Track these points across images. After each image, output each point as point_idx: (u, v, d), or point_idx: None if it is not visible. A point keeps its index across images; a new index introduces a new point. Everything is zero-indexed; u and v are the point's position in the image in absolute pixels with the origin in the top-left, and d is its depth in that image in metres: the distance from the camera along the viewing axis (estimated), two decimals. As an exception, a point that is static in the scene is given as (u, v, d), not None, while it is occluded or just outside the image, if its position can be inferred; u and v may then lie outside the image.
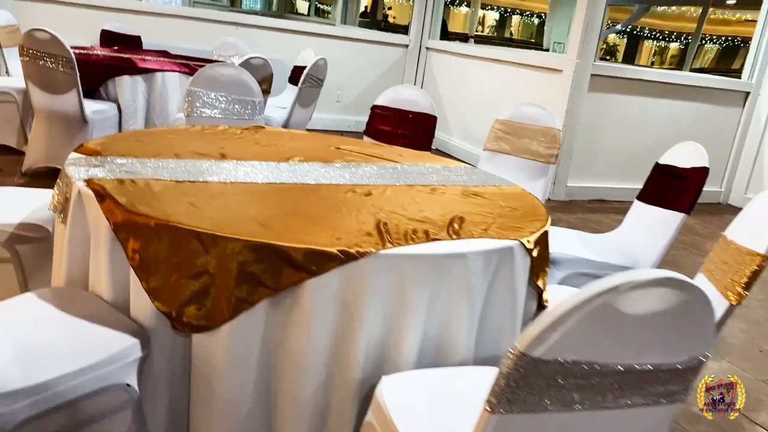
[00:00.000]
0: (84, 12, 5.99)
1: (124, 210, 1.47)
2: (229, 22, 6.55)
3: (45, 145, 4.00)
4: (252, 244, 1.38)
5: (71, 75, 3.74)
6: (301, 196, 1.79)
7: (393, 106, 3.30)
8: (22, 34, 3.75)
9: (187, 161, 1.93)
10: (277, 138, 2.52)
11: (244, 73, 3.12)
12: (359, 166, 2.18)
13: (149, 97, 4.21)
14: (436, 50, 7.09)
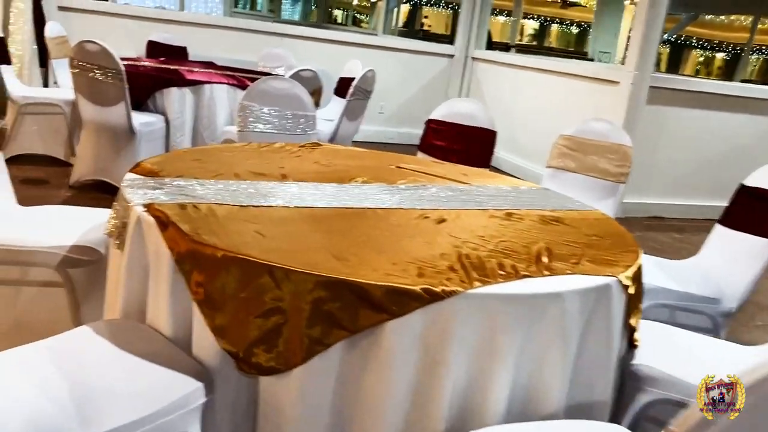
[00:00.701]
0: (130, 23, 6.00)
1: (189, 239, 1.36)
2: (273, 33, 6.50)
3: (93, 157, 3.96)
4: (327, 280, 1.26)
5: (120, 87, 3.69)
6: (370, 222, 1.66)
7: (449, 121, 3.17)
8: (73, 46, 3.72)
9: (249, 182, 1.82)
10: (336, 156, 2.40)
11: (297, 86, 3.02)
12: (425, 188, 2.04)
13: (197, 109, 4.15)
14: (482, 60, 6.94)
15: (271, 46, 6.15)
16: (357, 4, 27.82)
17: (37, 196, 3.75)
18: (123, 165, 3.93)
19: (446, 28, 24.41)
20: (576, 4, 20.05)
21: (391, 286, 1.25)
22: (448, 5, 20.66)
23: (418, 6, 20.76)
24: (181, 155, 2.10)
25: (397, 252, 1.43)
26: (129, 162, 3.93)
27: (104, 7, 6.10)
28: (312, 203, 1.72)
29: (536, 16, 21.20)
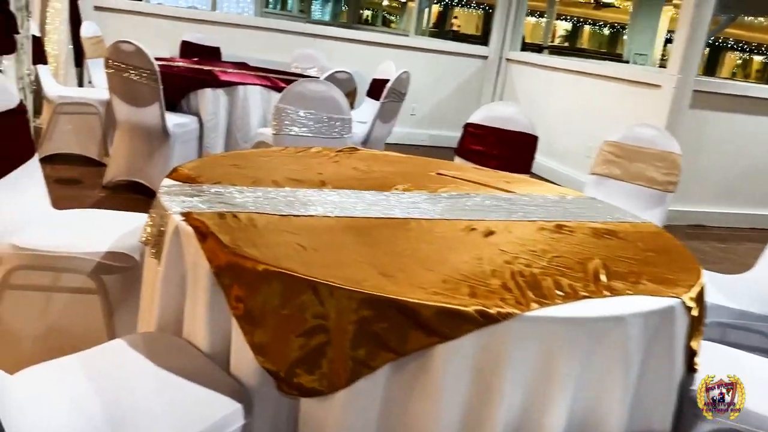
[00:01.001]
0: (164, 23, 6.01)
1: (229, 251, 1.29)
2: (305, 33, 6.46)
3: (126, 157, 3.95)
4: (373, 299, 1.18)
5: (154, 88, 3.67)
6: (414, 234, 1.58)
7: (488, 125, 3.07)
8: (108, 46, 3.71)
9: (287, 190, 1.76)
10: (374, 161, 2.32)
11: (334, 89, 2.96)
12: (469, 197, 1.96)
13: (230, 110, 4.11)
14: (516, 62, 6.81)
15: (303, 46, 6.11)
16: (387, 4, 27.78)
17: (71, 196, 3.75)
18: (156, 166, 3.92)
19: (477, 29, 24.23)
20: (610, 5, 19.73)
21: (442, 306, 1.17)
22: (480, 6, 20.49)
23: (448, 6, 20.64)
24: (218, 160, 2.05)
25: (445, 268, 1.35)
26: (162, 163, 3.93)
27: (139, 7, 6.12)
28: (352, 212, 1.65)
29: (568, 16, 20.92)
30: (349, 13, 18.64)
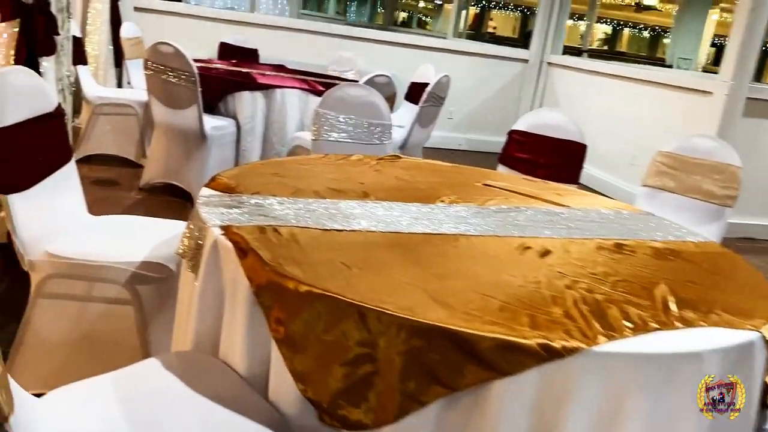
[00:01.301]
0: (203, 24, 6.01)
1: (270, 270, 1.21)
2: (343, 36, 6.40)
3: (163, 160, 3.93)
4: (425, 328, 1.09)
5: (193, 90, 3.63)
6: (465, 252, 1.48)
7: (535, 132, 2.95)
8: (147, 48, 3.69)
9: (329, 201, 1.68)
10: (417, 170, 2.23)
11: (374, 94, 2.88)
12: (520, 211, 1.85)
13: (268, 114, 4.06)
14: (558, 66, 6.65)
15: (340, 49, 6.06)
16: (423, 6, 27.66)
17: (107, 198, 3.74)
18: (193, 169, 3.89)
19: (514, 31, 23.97)
20: (651, 8, 19.31)
21: (501, 339, 1.07)
22: (517, 8, 20.25)
23: (485, 9, 20.43)
24: (258, 168, 1.98)
25: (501, 293, 1.25)
26: (199, 166, 3.90)
27: (178, 8, 6.14)
28: (398, 227, 1.56)
29: (608, 19, 20.55)
30: (385, 15, 18.61)
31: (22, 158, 1.79)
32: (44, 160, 1.90)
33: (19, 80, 1.85)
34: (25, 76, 1.89)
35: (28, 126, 1.83)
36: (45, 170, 1.90)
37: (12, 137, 1.76)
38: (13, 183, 1.76)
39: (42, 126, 1.90)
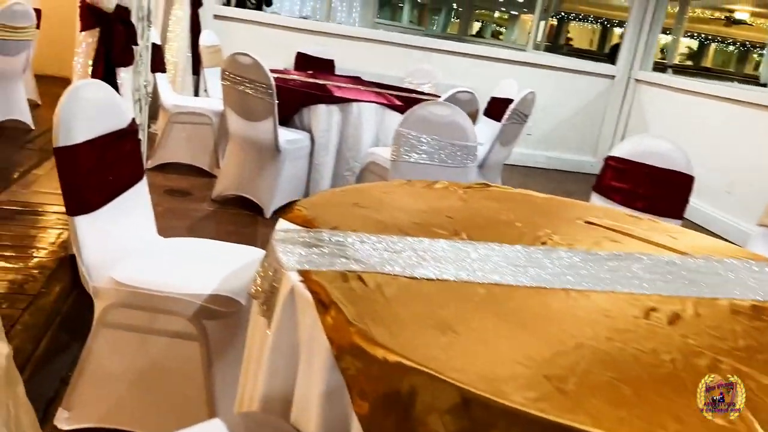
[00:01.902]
0: (280, 33, 5.97)
1: (355, 331, 1.04)
2: (422, 47, 6.24)
3: (236, 172, 3.85)
4: (547, 425, 0.88)
5: (269, 103, 3.53)
6: (580, 313, 1.26)
7: (636, 160, 2.68)
8: (225, 58, 3.61)
9: (416, 241, 1.49)
10: (510, 203, 2.02)
11: (459, 114, 2.68)
12: (634, 259, 1.61)
13: (343, 128, 3.93)
14: (647, 83, 6.27)
15: (416, 60, 5.90)
16: (497, 16, 27.29)
17: (179, 209, 3.68)
18: (265, 182, 3.79)
19: (591, 44, 23.26)
20: (742, 22, 18.33)
21: (643, 445, 0.85)
22: (597, 20, 19.62)
23: (564, 20, 19.90)
24: (336, 197, 1.81)
25: (633, 376, 1.03)
26: (272, 180, 3.79)
27: (256, 17, 6.13)
28: (498, 276, 1.35)
29: (695, 33, 19.64)
30: (461, 25, 18.40)
31: (91, 177, 1.69)
32: (115, 179, 1.79)
33: (92, 94, 1.75)
34: (98, 90, 1.79)
35: (100, 143, 1.73)
36: (115, 190, 1.79)
37: (82, 155, 1.65)
38: (81, 204, 1.66)
39: (114, 143, 1.80)
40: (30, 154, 4.24)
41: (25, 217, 3.18)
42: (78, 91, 1.67)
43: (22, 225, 3.07)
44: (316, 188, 3.96)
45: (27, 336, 2.19)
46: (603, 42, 21.59)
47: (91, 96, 1.74)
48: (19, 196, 3.46)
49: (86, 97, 1.71)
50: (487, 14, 25.90)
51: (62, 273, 2.64)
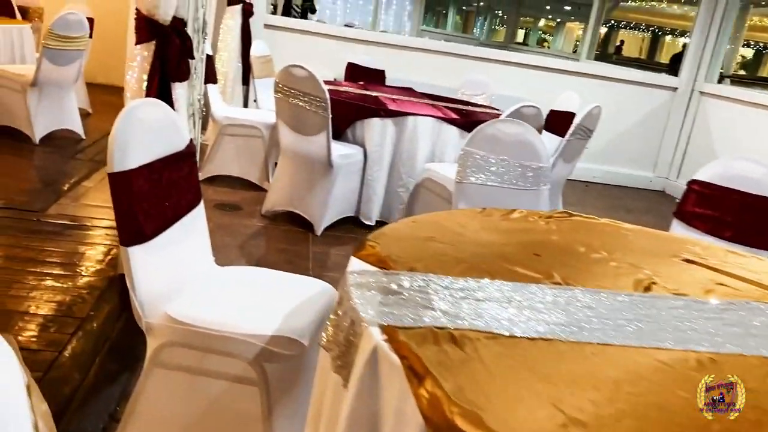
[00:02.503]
0: (329, 42, 5.86)
1: (459, 412, 0.87)
2: (474, 57, 6.06)
3: (288, 187, 3.73)
4: None
5: (323, 117, 3.40)
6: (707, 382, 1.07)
7: (724, 185, 2.45)
8: (279, 71, 3.50)
9: (507, 286, 1.32)
10: (597, 235, 1.83)
11: (530, 132, 2.50)
12: (752, 310, 1.40)
13: (397, 142, 3.77)
14: (713, 96, 5.96)
15: (464, 68, 5.73)
16: (543, 24, 26.86)
17: (229, 225, 3.58)
18: (317, 198, 3.66)
19: (640, 52, 22.69)
20: (802, 29, 17.57)
21: None
22: (648, 28, 19.12)
23: (613, 28, 19.45)
24: (409, 230, 1.65)
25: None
26: (323, 195, 3.66)
27: (305, 26, 6.04)
28: (607, 334, 1.17)
29: (752, 42, 18.95)
30: (507, 33, 18.14)
31: (147, 204, 1.56)
32: (171, 205, 1.67)
33: (148, 114, 1.63)
34: (155, 110, 1.68)
35: (157, 167, 1.61)
36: (172, 217, 1.67)
37: (137, 181, 1.53)
38: (136, 234, 1.53)
39: (171, 166, 1.67)
40: (80, 165, 4.20)
41: (74, 232, 3.12)
42: (134, 111, 1.55)
43: (70, 240, 3.00)
44: (368, 204, 3.81)
45: (75, 364, 2.09)
46: (653, 51, 21.02)
47: (148, 116, 1.62)
48: (68, 209, 3.40)
49: (142, 117, 1.58)
50: (531, 21, 25.53)
51: (111, 294, 2.54)
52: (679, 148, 6.24)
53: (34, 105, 4.40)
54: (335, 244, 3.54)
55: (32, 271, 2.64)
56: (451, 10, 21.95)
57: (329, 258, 3.32)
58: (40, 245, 2.89)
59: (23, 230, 3.03)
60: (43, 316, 2.32)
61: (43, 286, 2.52)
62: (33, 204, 3.37)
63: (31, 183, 3.85)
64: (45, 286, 2.53)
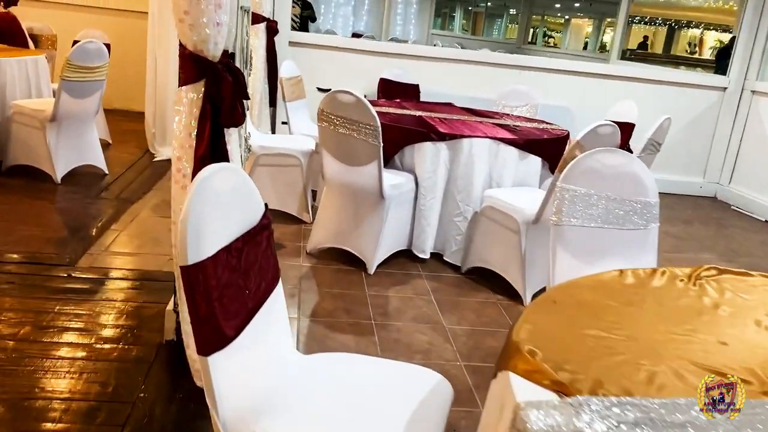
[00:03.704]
0: (359, 58, 5.54)
1: None
2: (510, 65, 5.72)
3: (334, 222, 3.41)
4: None
5: (374, 145, 3.09)
6: None
7: None
8: (324, 98, 3.18)
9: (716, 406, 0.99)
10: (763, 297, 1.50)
11: (635, 162, 2.18)
12: None
13: (451, 167, 3.45)
14: (766, 94, 5.60)
15: (501, 77, 5.42)
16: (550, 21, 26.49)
17: (275, 267, 3.26)
18: (367, 233, 3.34)
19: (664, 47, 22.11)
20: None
21: None
22: (665, 22, 18.66)
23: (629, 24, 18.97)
24: (558, 317, 1.32)
25: None
26: (375, 230, 3.32)
27: (331, 42, 5.72)
28: None
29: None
30: (519, 33, 17.80)
31: (228, 299, 1.25)
32: (252, 292, 1.35)
33: (224, 184, 1.32)
34: (231, 178, 1.37)
35: (236, 248, 1.30)
36: (253, 307, 1.35)
37: (215, 270, 1.22)
38: (217, 338, 1.22)
39: (250, 243, 1.36)
40: (106, 205, 3.91)
41: (109, 289, 2.81)
42: (207, 183, 1.24)
43: (106, 300, 2.69)
44: (422, 236, 3.49)
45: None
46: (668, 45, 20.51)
47: (223, 186, 1.31)
48: (99, 259, 3.10)
49: (218, 189, 1.27)
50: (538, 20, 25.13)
51: (160, 369, 2.23)
52: (731, 151, 5.88)
53: (54, 141, 4.11)
54: (391, 284, 3.22)
55: (66, 343, 2.34)
56: (458, 11, 21.58)
57: (389, 303, 3.00)
58: (74, 308, 2.58)
59: (53, 290, 2.73)
60: (86, 402, 2.01)
61: (81, 362, 2.22)
62: (61, 256, 3.07)
63: (57, 231, 3.54)
64: (83, 361, 2.23)
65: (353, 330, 2.70)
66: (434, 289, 3.21)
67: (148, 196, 4.16)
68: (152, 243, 3.38)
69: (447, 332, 2.77)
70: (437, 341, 2.68)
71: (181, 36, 1.86)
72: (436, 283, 3.28)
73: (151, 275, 2.97)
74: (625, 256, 2.15)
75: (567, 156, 2.99)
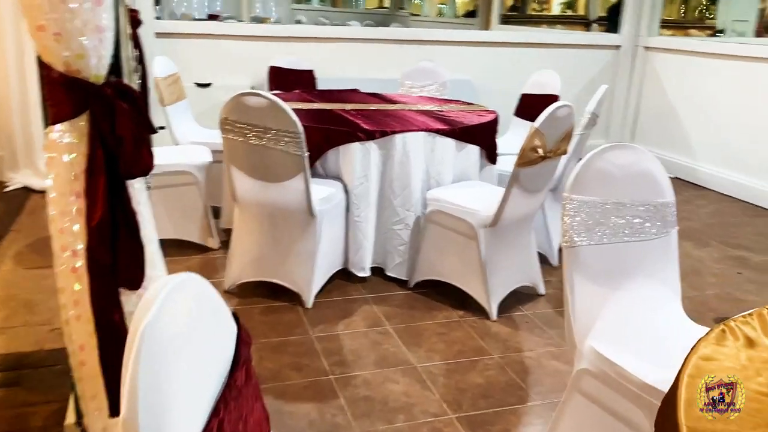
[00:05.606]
0: (241, 45, 4.85)
1: None
2: (407, 41, 5.28)
3: (254, 251, 2.83)
4: None
5: (297, 155, 2.54)
6: None
7: None
8: (226, 103, 2.57)
9: None
10: None
11: (647, 158, 1.81)
12: None
13: (384, 169, 2.96)
14: (659, 50, 5.56)
15: (400, 55, 4.99)
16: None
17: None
18: (299, 259, 2.75)
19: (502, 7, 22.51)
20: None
21: None
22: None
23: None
24: None
25: None
26: (307, 254, 2.71)
27: (206, 29, 4.98)
28: None
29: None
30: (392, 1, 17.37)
31: None
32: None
33: (178, 318, 0.76)
34: (186, 300, 0.81)
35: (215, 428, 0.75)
36: None
37: None
38: None
39: (232, 401, 0.81)
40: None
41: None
42: (154, 333, 0.68)
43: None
44: (359, 251, 2.99)
45: None
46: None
47: (176, 324, 0.75)
48: None
49: (169, 333, 0.72)
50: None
51: None
52: (629, 111, 5.83)
53: None
54: (336, 317, 2.71)
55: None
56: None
57: (342, 346, 2.48)
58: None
59: None
60: None
61: None
62: None
63: None
64: None
65: (311, 394, 2.18)
66: (387, 315, 2.74)
67: (6, 242, 3.33)
68: (24, 310, 2.62)
69: (421, 374, 2.31)
70: (414, 390, 2.22)
71: (43, 52, 1.22)
72: (386, 307, 2.81)
73: (28, 360, 2.27)
74: (648, 272, 1.79)
75: (526, 147, 2.61)
